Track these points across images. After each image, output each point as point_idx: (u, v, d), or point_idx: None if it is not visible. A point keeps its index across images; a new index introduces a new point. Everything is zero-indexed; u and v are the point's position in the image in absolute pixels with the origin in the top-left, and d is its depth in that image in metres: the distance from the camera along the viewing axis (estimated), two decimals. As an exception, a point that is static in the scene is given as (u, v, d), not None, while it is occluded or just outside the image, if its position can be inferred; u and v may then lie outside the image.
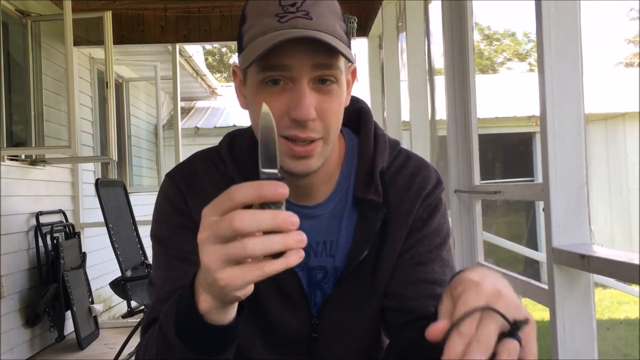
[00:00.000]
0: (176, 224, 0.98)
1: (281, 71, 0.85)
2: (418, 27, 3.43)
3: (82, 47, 5.20)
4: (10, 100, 4.42)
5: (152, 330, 0.92)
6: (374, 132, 1.03)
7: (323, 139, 0.89)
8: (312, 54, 0.84)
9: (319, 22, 0.85)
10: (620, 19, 29.65)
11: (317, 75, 0.86)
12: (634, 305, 6.27)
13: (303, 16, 0.84)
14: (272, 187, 0.62)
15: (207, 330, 0.71)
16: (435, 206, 1.00)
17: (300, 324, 0.98)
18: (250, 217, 0.60)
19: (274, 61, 0.84)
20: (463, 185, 2.61)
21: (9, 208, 4.01)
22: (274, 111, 0.86)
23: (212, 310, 0.69)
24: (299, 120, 0.85)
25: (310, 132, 0.86)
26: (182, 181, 1.00)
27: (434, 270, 0.97)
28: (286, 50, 0.83)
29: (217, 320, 0.70)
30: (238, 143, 1.02)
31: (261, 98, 0.86)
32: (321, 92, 0.87)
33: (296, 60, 0.84)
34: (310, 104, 0.85)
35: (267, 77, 0.86)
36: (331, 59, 0.86)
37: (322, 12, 0.86)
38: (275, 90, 0.86)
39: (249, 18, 0.89)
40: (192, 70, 7.80)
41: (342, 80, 0.90)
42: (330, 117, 0.88)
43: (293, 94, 0.85)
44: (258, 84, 0.87)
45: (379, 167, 0.98)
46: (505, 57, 20.58)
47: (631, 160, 8.67)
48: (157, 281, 0.97)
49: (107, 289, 4.40)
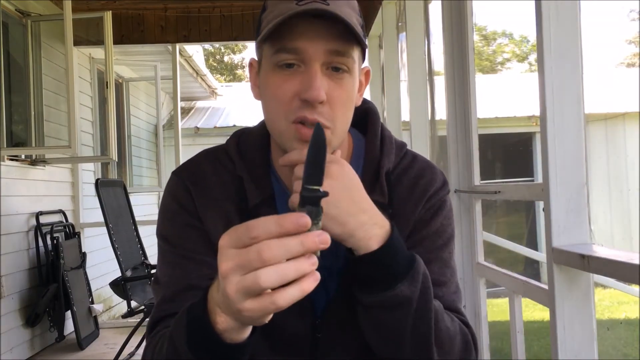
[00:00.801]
0: (182, 223, 0.97)
1: (295, 54, 0.85)
2: (418, 27, 3.42)
3: (82, 47, 5.21)
4: (10, 100, 4.42)
5: (157, 331, 0.92)
6: (380, 133, 1.03)
7: (330, 129, 0.89)
8: (327, 39, 0.85)
9: (335, 7, 0.85)
10: (621, 20, 29.66)
11: (330, 61, 0.86)
12: (634, 305, 6.28)
13: (321, 1, 0.85)
14: (294, 222, 0.61)
15: (222, 347, 0.73)
16: (439, 208, 1.00)
17: (304, 325, 0.98)
18: (279, 247, 0.60)
19: (287, 43, 0.85)
20: (463, 185, 2.61)
21: (9, 208, 4.01)
22: (285, 93, 0.87)
23: (229, 330, 0.71)
24: (309, 101, 0.85)
25: (317, 115, 0.86)
26: (189, 179, 0.99)
27: (432, 271, 0.96)
28: (300, 31, 0.84)
29: (234, 338, 0.72)
30: (246, 141, 1.02)
31: (274, 82, 0.88)
32: (333, 79, 0.87)
33: (310, 43, 0.85)
34: (321, 86, 0.85)
35: (281, 61, 0.86)
36: (346, 45, 0.86)
37: (340, 3, 0.87)
38: (287, 72, 0.87)
39: (270, 6, 0.90)
40: (192, 70, 7.80)
41: (355, 71, 0.90)
42: (340, 105, 0.89)
43: (304, 76, 0.86)
44: (272, 67, 0.88)
45: (385, 168, 0.98)
46: (504, 57, 20.58)
47: (631, 160, 8.67)
48: (163, 280, 0.97)
49: (107, 289, 4.40)
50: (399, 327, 0.87)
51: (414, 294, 0.85)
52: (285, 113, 0.88)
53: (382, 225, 0.86)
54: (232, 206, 0.96)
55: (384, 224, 0.86)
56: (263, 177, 0.97)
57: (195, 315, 0.74)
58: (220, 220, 0.96)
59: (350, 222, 0.83)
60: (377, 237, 0.84)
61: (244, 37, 5.34)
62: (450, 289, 0.99)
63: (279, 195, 0.97)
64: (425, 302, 0.86)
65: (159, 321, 0.93)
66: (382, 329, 0.89)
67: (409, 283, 0.85)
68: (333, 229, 0.83)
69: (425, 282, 0.87)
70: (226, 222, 0.95)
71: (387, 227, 0.86)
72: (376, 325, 0.89)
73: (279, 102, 0.88)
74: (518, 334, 2.10)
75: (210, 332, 0.71)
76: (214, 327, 0.71)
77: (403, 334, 0.87)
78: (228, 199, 0.97)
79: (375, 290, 0.85)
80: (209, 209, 0.96)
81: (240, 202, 0.96)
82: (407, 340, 0.88)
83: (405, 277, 0.85)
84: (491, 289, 4.39)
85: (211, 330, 0.71)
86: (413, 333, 0.87)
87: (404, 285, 0.84)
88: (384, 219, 0.86)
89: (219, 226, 0.95)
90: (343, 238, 0.84)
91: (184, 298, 0.92)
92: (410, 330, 0.87)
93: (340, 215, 0.83)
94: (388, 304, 0.85)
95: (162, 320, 0.93)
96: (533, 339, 5.08)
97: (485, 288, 2.57)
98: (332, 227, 0.82)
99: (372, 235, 0.84)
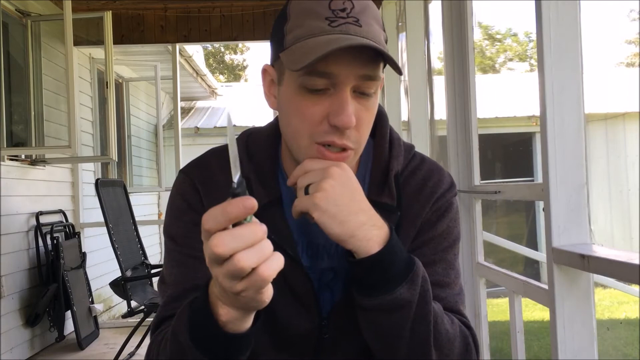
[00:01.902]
0: (190, 222, 0.97)
1: (327, 79, 0.84)
2: (418, 27, 3.42)
3: (82, 47, 5.21)
4: (10, 100, 4.42)
5: (162, 329, 0.92)
6: (389, 135, 1.03)
7: (355, 150, 0.89)
8: (360, 64, 0.84)
9: (368, 30, 0.84)
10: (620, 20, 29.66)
11: (360, 85, 0.86)
12: (634, 305, 6.28)
13: (354, 23, 0.83)
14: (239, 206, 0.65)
15: (225, 338, 0.74)
16: (445, 210, 1.00)
17: (310, 325, 0.98)
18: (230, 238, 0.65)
19: (320, 68, 0.83)
20: (463, 185, 2.61)
21: (9, 208, 4.01)
22: (313, 116, 0.86)
23: (233, 320, 0.73)
24: (339, 127, 0.85)
25: (346, 139, 0.86)
26: (197, 178, 0.99)
27: (437, 272, 0.96)
28: (334, 58, 0.82)
29: (236, 329, 0.74)
30: (255, 142, 1.01)
31: (300, 101, 0.86)
32: (360, 102, 0.87)
33: (343, 68, 0.83)
34: (352, 112, 0.85)
35: (312, 85, 0.84)
36: (376, 70, 0.86)
37: (369, 21, 0.86)
38: (316, 95, 0.85)
39: (293, 17, 0.87)
40: (192, 70, 7.80)
41: (378, 91, 0.90)
42: (366, 127, 0.89)
43: (334, 100, 0.85)
44: (299, 87, 0.86)
45: (394, 171, 0.98)
46: (507, 57, 20.58)
47: (631, 160, 8.67)
48: (169, 279, 0.97)
49: (107, 289, 4.40)
50: (398, 330, 0.87)
51: (413, 297, 0.85)
52: (311, 134, 0.87)
53: (381, 227, 0.86)
54: None
55: (382, 226, 0.86)
56: (271, 178, 0.97)
57: (197, 309, 0.76)
58: None
59: (350, 221, 0.83)
60: (377, 238, 0.84)
61: (244, 37, 5.34)
62: (454, 290, 0.99)
63: (287, 197, 0.97)
64: (425, 304, 0.87)
65: (164, 320, 0.93)
66: (380, 332, 0.89)
67: (408, 286, 0.85)
68: (333, 228, 0.83)
69: (425, 285, 0.87)
70: None
71: (386, 229, 0.86)
72: (375, 327, 0.89)
73: (306, 123, 0.87)
74: (518, 334, 2.10)
75: (214, 324, 0.73)
76: (218, 320, 0.73)
77: (402, 337, 0.87)
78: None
79: (374, 293, 0.85)
80: None
81: None
82: (405, 342, 0.88)
83: (405, 280, 0.85)
84: (491, 289, 4.39)
85: (215, 323, 0.73)
86: (412, 336, 0.87)
87: (404, 288, 0.84)
88: (382, 221, 0.87)
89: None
90: (343, 238, 0.84)
91: (190, 297, 0.92)
92: (409, 333, 0.87)
93: (340, 214, 0.83)
94: (387, 307, 0.85)
95: (167, 319, 0.93)
96: (533, 339, 5.08)
97: (485, 288, 2.57)
98: (332, 226, 0.83)
99: (372, 236, 0.84)
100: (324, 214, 0.83)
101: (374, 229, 0.85)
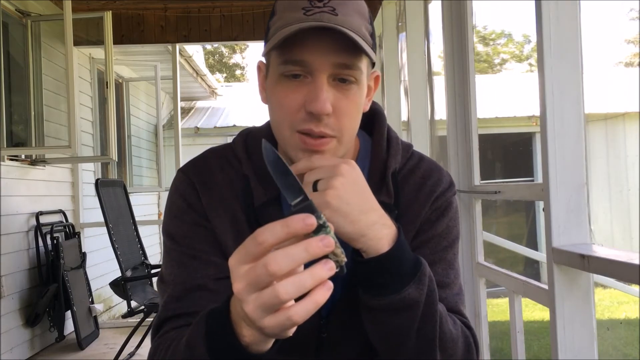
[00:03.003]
0: (189, 221, 0.97)
1: (301, 66, 0.85)
2: (418, 27, 3.42)
3: (82, 47, 5.21)
4: (10, 100, 4.42)
5: (166, 331, 0.92)
6: (387, 134, 1.03)
7: (337, 138, 0.89)
8: (334, 52, 0.84)
9: (344, 19, 0.85)
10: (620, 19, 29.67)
11: (337, 73, 0.86)
12: (634, 305, 6.28)
13: (329, 11, 0.84)
14: (300, 222, 0.61)
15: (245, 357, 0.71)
16: (445, 209, 1.00)
17: (309, 325, 0.98)
18: (284, 256, 0.59)
19: (295, 55, 0.85)
20: (463, 185, 2.61)
21: (9, 208, 4.01)
22: (291, 104, 0.86)
23: (257, 342, 0.70)
24: (314, 113, 0.85)
25: (323, 127, 0.86)
26: (196, 177, 0.99)
27: (437, 272, 0.96)
28: (308, 44, 0.83)
29: (259, 349, 0.71)
30: (253, 140, 1.01)
31: (280, 91, 0.87)
32: (339, 90, 0.87)
33: (317, 56, 0.84)
34: (327, 99, 0.85)
35: (288, 71, 0.86)
36: (353, 59, 0.86)
37: (349, 11, 0.86)
38: (294, 83, 0.87)
39: (278, 12, 0.90)
40: (192, 70, 7.80)
41: (363, 81, 0.90)
42: (346, 116, 0.88)
43: (310, 87, 0.86)
44: (278, 76, 0.88)
45: (391, 169, 0.98)
46: (503, 58, 20.57)
47: (631, 160, 8.67)
48: (169, 278, 0.96)
49: (107, 289, 4.40)
50: (405, 330, 0.86)
51: (421, 297, 0.85)
52: (291, 123, 0.87)
53: (390, 226, 0.85)
54: (238, 205, 0.96)
55: (391, 225, 0.85)
56: (269, 177, 0.97)
57: (217, 326, 0.73)
58: (226, 219, 0.96)
59: (361, 219, 0.82)
60: (387, 237, 0.84)
61: (244, 37, 5.35)
62: (454, 290, 0.99)
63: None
64: (431, 304, 0.86)
65: (165, 321, 0.93)
66: (387, 332, 0.89)
67: (416, 286, 0.84)
68: (344, 227, 0.82)
69: (431, 284, 0.87)
70: (232, 221, 0.95)
71: (394, 228, 0.86)
72: (381, 327, 0.89)
73: (285, 112, 0.88)
74: (518, 334, 2.10)
75: (236, 345, 0.70)
76: (240, 340, 0.70)
77: (408, 337, 0.87)
78: (234, 197, 0.97)
79: (383, 293, 0.84)
80: (216, 207, 0.96)
81: (246, 202, 0.95)
82: (411, 342, 0.87)
83: (413, 279, 0.84)
84: (491, 289, 4.39)
85: (237, 343, 0.70)
86: (418, 336, 0.87)
87: (412, 288, 0.84)
88: (390, 220, 0.86)
89: (226, 225, 0.95)
90: (354, 237, 0.83)
91: (191, 298, 0.92)
92: (415, 333, 0.87)
93: (352, 212, 0.82)
94: (395, 307, 0.84)
95: (169, 320, 0.92)
96: (533, 339, 5.08)
97: (485, 288, 2.57)
98: (344, 224, 0.82)
99: (383, 235, 0.83)
100: (336, 212, 0.82)
101: (384, 228, 0.84)
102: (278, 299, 0.59)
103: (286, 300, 0.60)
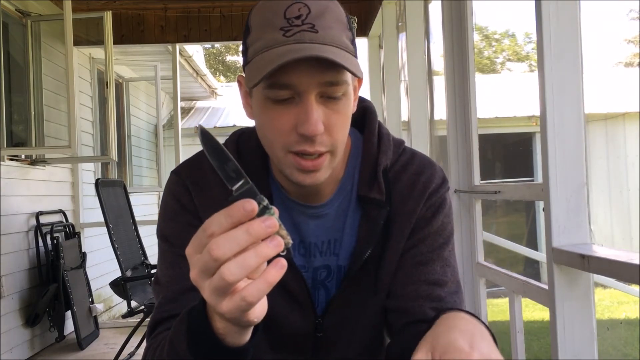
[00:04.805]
0: (183, 222, 0.97)
1: (288, 89, 0.83)
2: (418, 27, 3.42)
3: (82, 47, 5.21)
4: (10, 100, 4.42)
5: (159, 332, 0.92)
6: (378, 130, 1.02)
7: (330, 152, 0.88)
8: (319, 73, 0.83)
9: (325, 34, 0.83)
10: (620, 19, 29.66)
11: (324, 91, 0.85)
12: (634, 305, 6.28)
13: (309, 29, 0.82)
14: (240, 210, 0.62)
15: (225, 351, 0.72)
16: (439, 205, 1.00)
17: (305, 323, 0.98)
18: (226, 240, 0.60)
19: (280, 79, 0.82)
20: (463, 185, 2.61)
21: (9, 208, 4.01)
22: (282, 127, 0.85)
23: (231, 333, 0.70)
24: (307, 135, 0.84)
25: (317, 145, 0.86)
26: (189, 178, 0.99)
27: (435, 271, 0.96)
28: (292, 68, 0.81)
29: (235, 342, 0.72)
30: (245, 142, 1.01)
31: (268, 113, 0.86)
32: (328, 106, 0.86)
33: (303, 78, 0.82)
34: (318, 119, 0.84)
35: (275, 96, 0.84)
36: (338, 76, 0.84)
37: (328, 24, 0.84)
38: (282, 106, 0.85)
39: (253, 30, 0.87)
40: (192, 70, 7.80)
41: (349, 92, 0.88)
42: (338, 131, 0.87)
43: (300, 109, 0.84)
44: (264, 99, 0.86)
45: (382, 166, 0.98)
46: (505, 56, 20.57)
47: (631, 160, 8.67)
48: (163, 280, 0.97)
49: (107, 289, 4.40)
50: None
51: None
52: (284, 144, 0.86)
53: None
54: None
55: None
56: (261, 178, 0.97)
57: (195, 321, 0.74)
58: None
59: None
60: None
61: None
62: (451, 288, 0.98)
63: (277, 196, 0.97)
64: None
65: (160, 322, 0.93)
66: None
67: None
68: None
69: None
70: None
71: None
72: None
73: (277, 134, 0.86)
74: (518, 334, 2.10)
75: (212, 338, 0.71)
76: (216, 333, 0.71)
77: None
78: (226, 198, 0.97)
79: None
80: (209, 208, 0.96)
81: None
82: None
83: None
84: (491, 289, 4.39)
85: (213, 336, 0.71)
86: None
87: None
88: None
89: None
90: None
91: (186, 299, 0.92)
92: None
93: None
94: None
95: (163, 322, 0.93)
96: (533, 339, 5.08)
97: (485, 288, 2.57)
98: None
99: None
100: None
101: None
102: (225, 280, 0.60)
103: (233, 281, 0.60)
